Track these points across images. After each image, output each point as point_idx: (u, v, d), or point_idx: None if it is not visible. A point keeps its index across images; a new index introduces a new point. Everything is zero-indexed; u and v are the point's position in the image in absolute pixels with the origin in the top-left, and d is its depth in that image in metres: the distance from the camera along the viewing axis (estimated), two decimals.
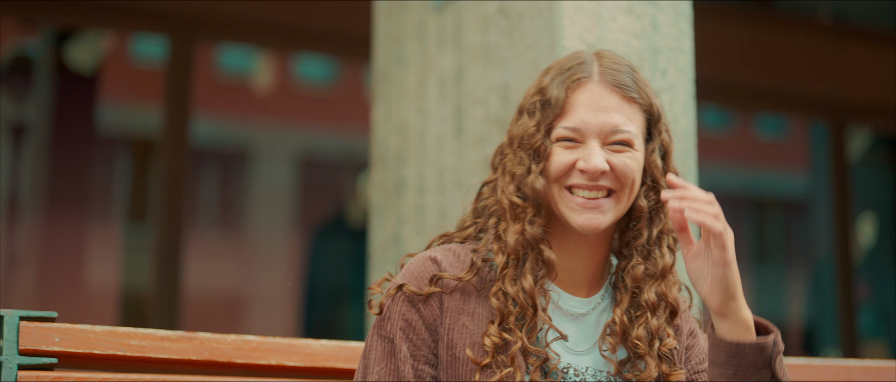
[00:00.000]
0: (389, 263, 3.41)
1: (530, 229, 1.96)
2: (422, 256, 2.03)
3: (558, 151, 1.97)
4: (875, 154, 9.34)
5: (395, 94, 3.45)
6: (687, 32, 2.87)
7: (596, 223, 1.95)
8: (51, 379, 2.02)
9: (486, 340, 1.90)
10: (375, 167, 3.55)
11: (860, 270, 8.81)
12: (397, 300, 1.98)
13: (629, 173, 1.96)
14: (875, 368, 2.68)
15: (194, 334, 2.18)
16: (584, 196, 1.96)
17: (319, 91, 10.71)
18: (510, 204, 1.98)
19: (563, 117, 1.97)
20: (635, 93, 2.00)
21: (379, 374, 1.93)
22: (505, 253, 1.97)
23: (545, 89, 2.00)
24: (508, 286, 1.94)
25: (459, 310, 1.95)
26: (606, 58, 2.04)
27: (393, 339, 1.95)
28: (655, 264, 2.00)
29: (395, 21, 3.49)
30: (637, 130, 1.99)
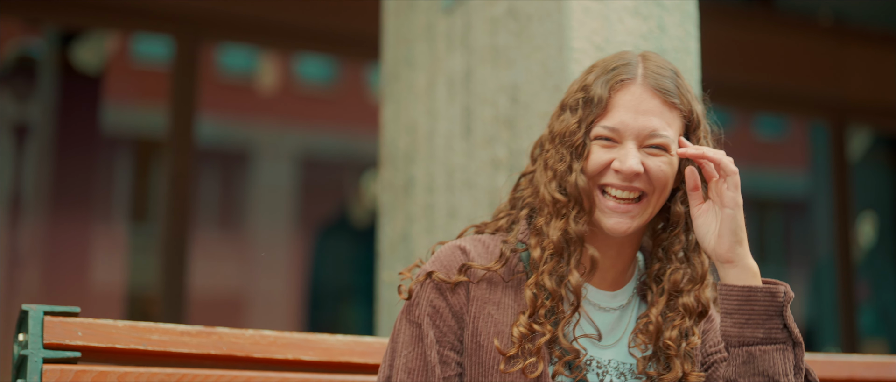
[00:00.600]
0: (398, 261, 3.45)
1: (575, 226, 1.99)
2: (452, 244, 2.08)
3: (596, 149, 2.01)
4: (875, 154, 9.36)
5: (404, 94, 3.49)
6: (693, 34, 2.91)
7: (624, 228, 2.00)
8: (74, 372, 2.05)
9: (515, 330, 1.94)
10: (384, 167, 3.59)
11: (860, 269, 8.84)
12: (426, 287, 2.02)
13: (662, 177, 2.01)
14: (877, 364, 2.72)
15: (213, 329, 2.22)
16: (615, 197, 2.00)
17: (320, 91, 10.72)
18: (553, 200, 2.02)
19: (604, 117, 2.01)
20: (676, 98, 2.04)
21: (406, 357, 1.98)
22: (543, 247, 2.00)
23: (589, 87, 2.04)
24: (546, 280, 1.97)
25: (486, 300, 1.99)
26: (651, 61, 2.07)
27: (420, 324, 2.00)
28: (695, 269, 2.05)
29: (404, 22, 3.53)
30: (675, 135, 2.03)
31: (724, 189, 1.96)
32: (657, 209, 2.05)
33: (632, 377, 2.04)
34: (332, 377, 2.28)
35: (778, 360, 1.91)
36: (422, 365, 1.98)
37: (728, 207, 1.95)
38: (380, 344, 2.37)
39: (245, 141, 9.77)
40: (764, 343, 1.91)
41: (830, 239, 8.65)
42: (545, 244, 2.00)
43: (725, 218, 1.96)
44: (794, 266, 12.47)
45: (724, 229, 1.96)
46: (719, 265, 1.98)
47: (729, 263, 1.96)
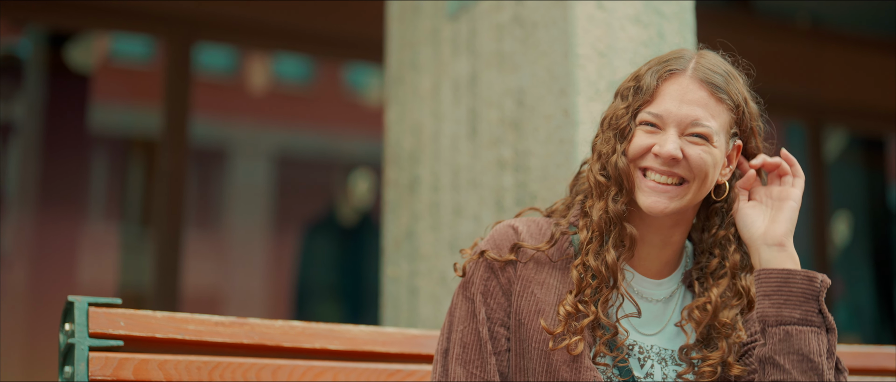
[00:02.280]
0: (403, 257, 3.58)
1: (613, 206, 2.09)
2: (506, 223, 2.18)
3: (639, 134, 2.09)
4: (850, 154, 9.48)
5: (409, 97, 3.62)
6: (690, 41, 3.06)
7: (661, 207, 2.07)
8: (118, 360, 2.17)
9: (561, 308, 2.05)
10: (389, 166, 3.71)
11: (835, 267, 8.94)
12: (479, 265, 2.14)
13: (702, 165, 2.07)
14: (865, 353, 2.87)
15: (245, 319, 2.35)
16: (655, 180, 2.08)
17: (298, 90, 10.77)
18: (596, 182, 2.12)
19: (651, 104, 2.09)
20: (724, 94, 2.11)
21: (462, 332, 2.10)
22: (589, 229, 2.10)
23: (640, 77, 2.13)
24: (591, 260, 2.07)
25: (530, 279, 2.11)
26: (705, 58, 2.16)
27: (474, 301, 2.12)
28: (729, 259, 2.16)
29: (409, 27, 3.66)
30: (719, 127, 2.10)
31: (790, 187, 2.13)
32: (698, 198, 2.11)
33: (672, 364, 2.13)
34: (355, 365, 2.39)
35: (813, 341, 2.00)
36: (475, 340, 2.09)
37: (792, 200, 2.12)
38: (401, 334, 2.49)
39: (223, 140, 9.80)
40: (801, 323, 2.01)
41: (806, 238, 8.75)
42: (590, 225, 2.09)
43: (786, 209, 2.11)
44: None
45: (782, 217, 2.10)
46: (765, 249, 2.09)
47: (779, 245, 2.08)
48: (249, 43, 7.91)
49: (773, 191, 2.14)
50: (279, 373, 2.31)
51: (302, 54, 9.18)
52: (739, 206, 2.15)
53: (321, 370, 2.35)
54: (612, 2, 2.97)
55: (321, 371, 2.35)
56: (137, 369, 2.18)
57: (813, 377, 2.00)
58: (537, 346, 2.07)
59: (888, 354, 2.89)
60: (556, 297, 2.10)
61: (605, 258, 2.07)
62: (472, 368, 2.08)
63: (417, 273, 3.47)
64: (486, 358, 2.09)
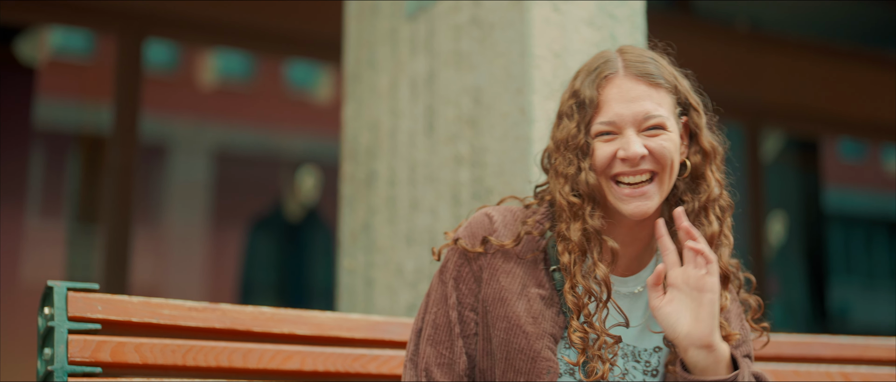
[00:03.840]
0: (359, 249, 3.68)
1: (592, 221, 2.12)
2: (483, 211, 2.25)
3: (599, 145, 2.12)
4: (787, 156, 9.67)
5: (367, 94, 3.72)
6: (641, 43, 3.18)
7: (644, 209, 2.11)
8: (96, 343, 2.26)
9: (574, 336, 2.09)
10: (346, 161, 3.82)
11: (770, 266, 9.11)
12: (454, 252, 2.23)
13: (667, 153, 2.12)
14: (803, 342, 3.01)
15: (217, 305, 2.44)
16: (629, 183, 2.12)
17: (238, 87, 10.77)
18: (569, 204, 2.14)
19: (599, 114, 2.13)
20: (660, 79, 2.16)
21: (435, 314, 2.21)
22: (570, 251, 2.13)
23: (578, 92, 2.16)
24: (580, 280, 2.11)
25: (498, 267, 2.18)
26: (629, 52, 2.21)
27: (447, 285, 2.21)
28: (704, 231, 2.17)
29: (367, 27, 3.76)
30: (668, 112, 2.16)
31: (705, 275, 2.05)
32: (671, 185, 2.16)
33: (632, 360, 2.20)
34: (321, 349, 2.49)
35: None
36: (445, 323, 2.18)
37: (710, 292, 2.04)
38: (365, 321, 2.60)
39: (163, 136, 9.77)
40: None
41: (743, 237, 8.94)
42: (570, 247, 2.13)
43: (706, 303, 2.04)
44: None
45: (704, 313, 2.04)
46: (692, 350, 2.05)
47: (707, 347, 2.05)
48: (201, 39, 7.94)
49: (691, 277, 2.07)
50: (249, 356, 2.41)
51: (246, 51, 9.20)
52: (656, 305, 2.09)
53: (289, 353, 2.45)
54: (567, 4, 3.10)
55: (289, 355, 2.45)
56: (115, 351, 2.27)
57: None
58: (496, 334, 2.15)
59: (822, 343, 3.04)
60: (520, 285, 2.17)
61: (595, 275, 2.12)
62: (440, 349, 2.18)
63: (374, 265, 3.58)
64: (454, 340, 2.18)
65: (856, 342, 3.04)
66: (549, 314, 2.15)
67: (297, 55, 8.65)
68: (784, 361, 2.94)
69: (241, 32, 7.33)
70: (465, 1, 3.29)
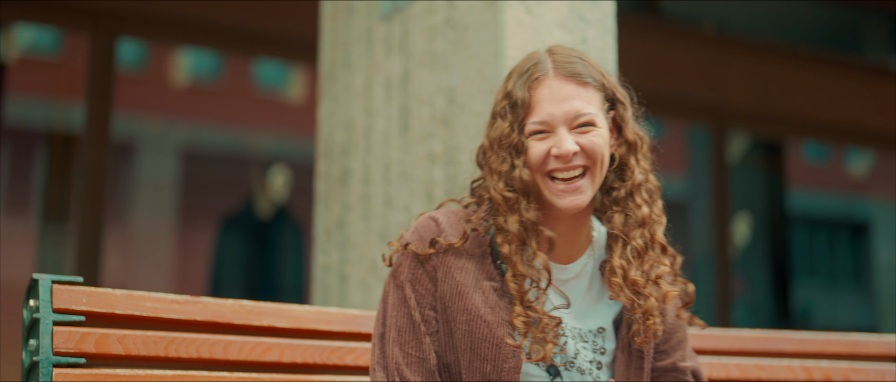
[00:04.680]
0: (334, 246, 3.75)
1: (528, 214, 2.24)
2: (427, 216, 2.35)
3: (533, 144, 2.24)
4: (752, 157, 9.77)
5: (342, 93, 3.79)
6: (611, 46, 3.28)
7: (578, 203, 2.25)
8: (80, 334, 2.31)
9: (517, 320, 2.21)
10: (321, 159, 3.88)
11: (735, 266, 9.21)
12: (406, 256, 2.31)
13: (597, 149, 2.24)
14: (766, 338, 3.10)
15: (199, 298, 2.50)
16: (563, 179, 2.24)
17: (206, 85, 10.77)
18: (504, 198, 2.26)
19: (531, 114, 2.25)
20: (588, 77, 2.27)
21: (396, 317, 2.28)
22: (509, 242, 2.25)
23: (511, 93, 2.28)
24: (521, 268, 2.23)
25: (451, 264, 2.28)
26: (558, 53, 2.32)
27: (404, 287, 2.29)
28: (633, 214, 2.32)
29: (342, 27, 3.83)
30: (596, 109, 2.27)
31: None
32: (602, 178, 2.29)
33: (580, 341, 2.32)
34: (300, 341, 2.55)
35: None
36: (409, 324, 2.27)
37: None
38: (342, 314, 2.66)
39: (130, 134, 9.76)
40: None
41: (708, 238, 8.97)
42: (509, 238, 2.25)
43: None
44: None
45: None
46: None
47: None
48: (173, 38, 7.97)
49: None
50: (230, 348, 2.47)
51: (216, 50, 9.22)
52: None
53: (268, 346, 2.51)
54: (540, 7, 3.18)
55: (268, 347, 2.51)
56: (98, 342, 2.32)
57: None
58: (459, 327, 2.25)
59: (784, 338, 3.13)
60: (473, 279, 2.27)
61: (534, 262, 2.23)
62: (408, 349, 2.26)
63: (348, 261, 3.65)
64: (420, 338, 2.26)
65: (816, 337, 3.14)
66: (503, 303, 2.27)
67: (266, 55, 8.69)
68: (748, 356, 3.03)
69: (212, 31, 7.37)
70: (439, 3, 3.36)
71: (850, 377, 3.09)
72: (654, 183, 2.39)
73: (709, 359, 2.95)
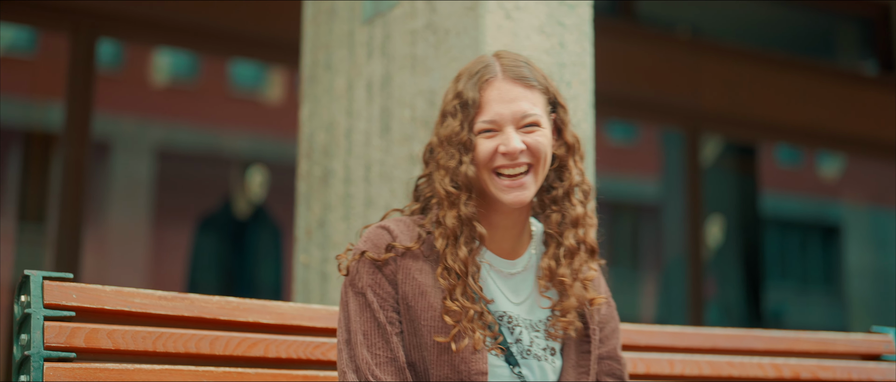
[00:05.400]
0: (315, 245, 3.81)
1: (465, 209, 2.36)
2: (377, 226, 2.44)
3: (482, 141, 2.36)
4: (725, 160, 9.85)
5: (323, 95, 3.85)
6: (588, 50, 3.36)
7: (522, 198, 2.36)
8: (71, 329, 2.37)
9: (447, 317, 2.32)
10: (302, 159, 3.94)
11: (708, 268, 9.26)
12: (363, 262, 2.39)
13: (542, 148, 2.37)
14: (737, 336, 3.18)
15: (186, 295, 2.57)
16: (508, 175, 2.36)
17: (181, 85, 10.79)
18: (446, 193, 2.37)
19: (481, 113, 2.37)
20: (534, 81, 2.40)
21: (361, 323, 2.35)
22: (444, 236, 2.37)
23: (461, 93, 2.40)
24: (450, 261, 2.35)
25: (410, 267, 2.37)
26: (505, 57, 2.45)
27: (364, 293, 2.37)
28: (568, 213, 2.45)
29: (324, 30, 3.89)
30: (541, 111, 2.39)
31: None
32: (544, 175, 2.42)
33: (532, 330, 2.42)
34: (285, 337, 2.62)
35: None
36: (375, 327, 2.34)
37: None
38: (325, 311, 2.72)
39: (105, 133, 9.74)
40: None
41: (681, 240, 9.04)
42: (445, 232, 2.37)
43: None
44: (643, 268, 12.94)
45: None
46: None
47: None
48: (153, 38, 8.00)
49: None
50: (216, 343, 2.53)
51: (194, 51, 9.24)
52: None
53: (254, 341, 2.58)
54: (520, 12, 3.26)
55: (254, 343, 2.57)
56: (88, 337, 2.38)
57: None
58: (426, 323, 2.34)
59: (755, 336, 3.21)
60: (432, 279, 2.37)
61: (459, 256, 2.35)
62: (376, 350, 2.33)
63: (329, 260, 3.71)
64: (387, 339, 2.34)
65: (786, 335, 3.23)
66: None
67: (244, 55, 8.73)
68: (719, 353, 3.11)
69: (191, 32, 7.40)
70: (420, 7, 3.43)
71: (819, 374, 3.17)
72: (588, 184, 2.51)
73: (681, 357, 3.03)
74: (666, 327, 3.10)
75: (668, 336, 3.08)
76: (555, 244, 2.45)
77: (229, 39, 7.53)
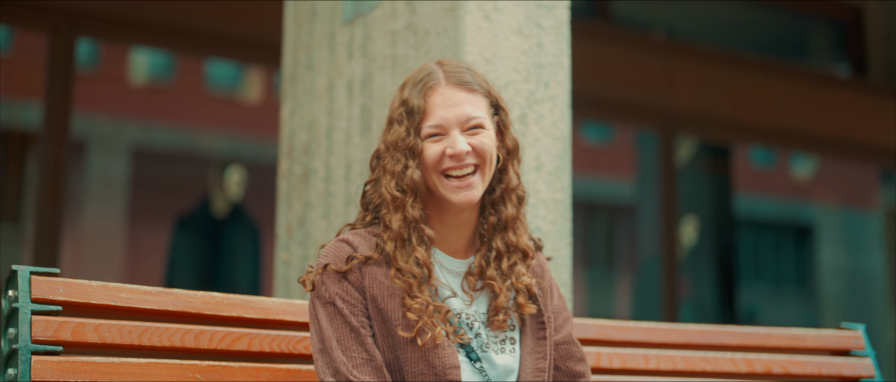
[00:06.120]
0: (295, 242, 3.86)
1: (411, 212, 2.44)
2: (335, 241, 2.52)
3: (429, 145, 2.45)
4: (699, 161, 9.93)
5: (304, 95, 3.90)
6: (566, 51, 3.42)
7: (470, 198, 2.45)
8: (58, 323, 2.41)
9: (410, 314, 2.39)
10: (283, 158, 3.99)
11: (682, 267, 9.33)
12: (327, 274, 2.46)
13: (486, 148, 2.46)
14: (711, 331, 3.25)
15: (171, 290, 2.61)
16: (456, 176, 2.45)
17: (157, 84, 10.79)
18: (392, 197, 2.45)
19: (426, 118, 2.46)
20: (476, 85, 2.50)
21: (333, 330, 2.41)
22: (393, 239, 2.44)
23: (407, 101, 2.48)
24: (402, 264, 2.42)
25: (375, 274, 2.45)
26: (447, 65, 2.54)
27: (333, 302, 2.43)
28: (501, 215, 2.53)
29: (305, 30, 3.94)
30: (484, 114, 2.48)
31: None
32: (491, 175, 2.50)
33: (486, 319, 2.51)
34: (268, 331, 2.67)
35: None
36: (348, 332, 2.40)
37: None
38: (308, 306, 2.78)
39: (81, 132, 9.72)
40: None
41: (655, 240, 9.12)
42: (392, 236, 2.44)
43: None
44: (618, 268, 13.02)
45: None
46: None
47: None
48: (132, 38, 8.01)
49: None
50: (201, 338, 2.58)
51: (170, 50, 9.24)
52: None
53: (238, 335, 2.62)
54: (499, 14, 3.32)
55: (238, 337, 2.62)
56: (75, 331, 2.42)
57: None
58: (397, 323, 2.41)
59: (727, 332, 3.28)
60: (402, 282, 2.43)
61: (416, 258, 2.42)
62: (352, 353, 2.39)
63: (309, 257, 3.76)
64: (362, 341, 2.40)
65: (758, 331, 3.29)
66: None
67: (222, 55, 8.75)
68: (693, 349, 3.17)
69: (168, 31, 7.42)
70: (401, 8, 3.48)
71: (790, 369, 3.24)
72: (523, 190, 2.59)
73: (656, 352, 3.09)
74: (641, 323, 3.17)
75: (642, 331, 3.14)
76: (487, 246, 2.53)
77: (206, 39, 7.55)
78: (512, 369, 2.49)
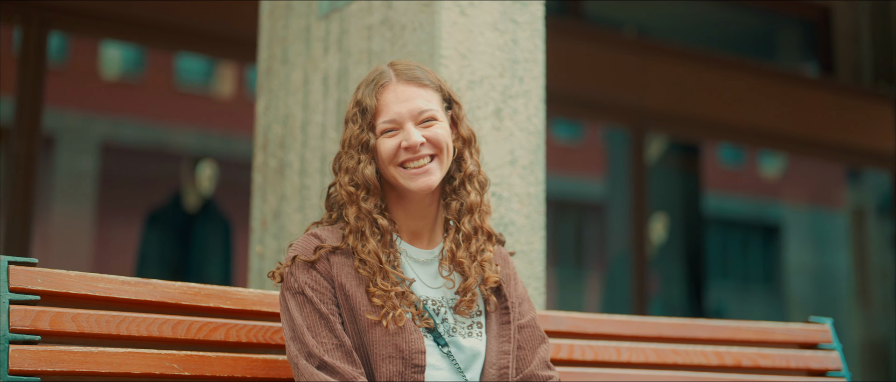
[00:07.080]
0: (270, 235, 3.88)
1: (364, 205, 2.51)
2: (303, 236, 2.58)
3: (384, 141, 2.52)
4: (669, 159, 10.00)
5: (279, 89, 3.92)
6: (540, 47, 3.46)
7: (429, 183, 2.52)
8: (36, 313, 2.43)
9: (375, 300, 2.45)
10: (258, 151, 4.01)
11: (652, 265, 9.38)
12: (296, 265, 2.51)
13: (441, 138, 2.53)
14: (681, 325, 3.29)
15: (149, 280, 2.63)
16: (414, 166, 2.51)
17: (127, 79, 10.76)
18: (347, 193, 2.53)
19: (380, 115, 2.53)
20: (427, 80, 2.58)
21: (304, 318, 2.46)
22: (351, 231, 2.51)
23: (361, 101, 2.56)
24: (362, 255, 2.49)
25: (343, 263, 2.50)
26: (399, 64, 2.61)
27: (303, 291, 2.48)
28: (464, 200, 2.60)
29: (281, 24, 3.96)
30: (437, 106, 2.56)
31: None
32: (448, 165, 2.57)
33: (452, 310, 2.56)
34: (244, 322, 2.69)
35: None
36: (318, 319, 2.45)
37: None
38: None
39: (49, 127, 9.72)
40: None
41: (625, 238, 9.17)
42: (350, 229, 2.51)
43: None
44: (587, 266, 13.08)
45: None
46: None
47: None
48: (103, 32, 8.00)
49: None
50: (178, 327, 2.60)
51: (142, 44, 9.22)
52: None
53: (215, 326, 2.64)
54: (474, 10, 3.35)
55: (215, 327, 2.64)
56: (53, 321, 2.44)
57: None
58: (365, 309, 2.46)
59: (698, 326, 3.32)
60: (366, 275, 2.50)
61: (369, 249, 2.49)
62: (322, 339, 2.44)
63: (284, 250, 3.78)
64: (332, 327, 2.45)
65: (728, 325, 3.34)
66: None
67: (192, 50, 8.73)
68: (664, 341, 3.22)
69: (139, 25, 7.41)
70: (376, 3, 3.51)
71: (759, 362, 3.29)
72: (484, 176, 2.66)
73: (628, 345, 3.13)
74: (613, 316, 3.20)
75: (614, 324, 3.18)
76: (454, 230, 2.59)
77: (177, 34, 7.55)
78: (479, 352, 2.55)
